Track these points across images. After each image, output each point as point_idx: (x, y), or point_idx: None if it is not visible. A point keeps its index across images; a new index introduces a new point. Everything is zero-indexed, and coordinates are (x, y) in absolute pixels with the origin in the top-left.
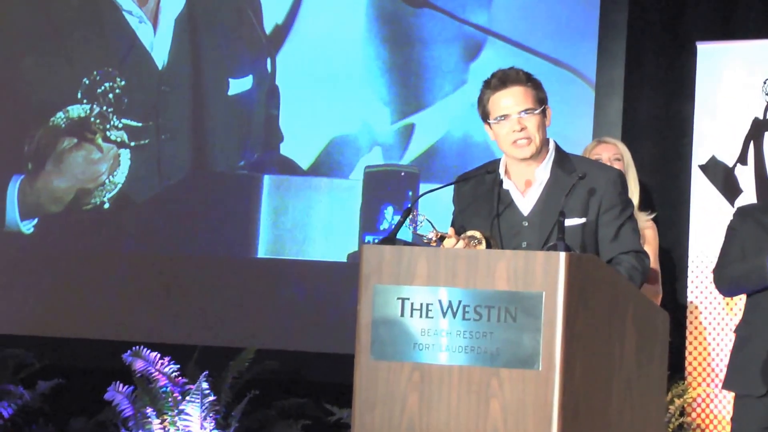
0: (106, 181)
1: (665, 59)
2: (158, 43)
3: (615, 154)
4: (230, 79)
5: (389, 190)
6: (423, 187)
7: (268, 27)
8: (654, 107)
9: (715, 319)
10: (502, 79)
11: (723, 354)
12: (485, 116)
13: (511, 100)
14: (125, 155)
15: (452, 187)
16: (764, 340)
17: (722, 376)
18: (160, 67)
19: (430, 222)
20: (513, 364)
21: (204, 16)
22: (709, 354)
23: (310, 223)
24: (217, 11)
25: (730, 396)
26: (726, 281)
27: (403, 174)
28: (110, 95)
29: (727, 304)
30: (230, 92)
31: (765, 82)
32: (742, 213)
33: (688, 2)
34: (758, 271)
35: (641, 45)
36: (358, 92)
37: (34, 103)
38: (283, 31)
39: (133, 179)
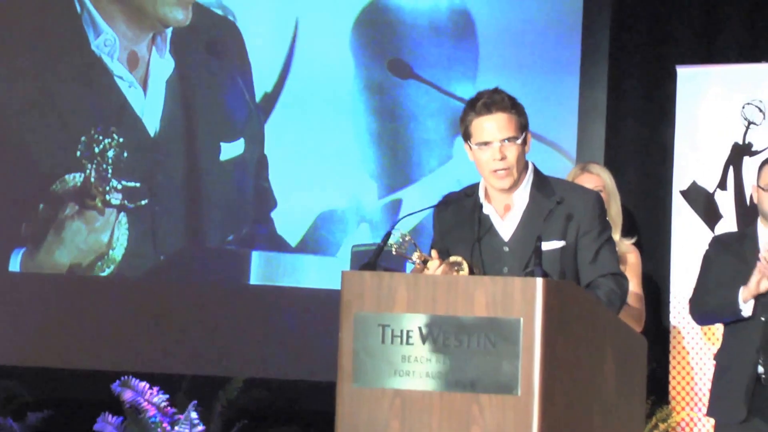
0: (108, 251)
1: (647, 84)
2: (149, 107)
3: (597, 185)
4: (222, 143)
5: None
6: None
7: (258, 94)
8: (636, 132)
9: (697, 343)
10: (487, 105)
11: (706, 378)
12: (466, 136)
13: (494, 126)
14: (123, 219)
15: (431, 211)
16: (742, 367)
17: (705, 400)
18: (152, 133)
19: (414, 244)
20: (493, 390)
21: (194, 79)
22: (692, 378)
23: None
24: (207, 74)
25: (714, 420)
26: (700, 313)
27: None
28: (109, 153)
29: (709, 329)
30: (222, 157)
31: (744, 107)
32: (717, 242)
33: (670, 27)
34: (729, 306)
35: (623, 70)
36: (346, 165)
37: (32, 172)
38: (272, 99)
39: (132, 246)
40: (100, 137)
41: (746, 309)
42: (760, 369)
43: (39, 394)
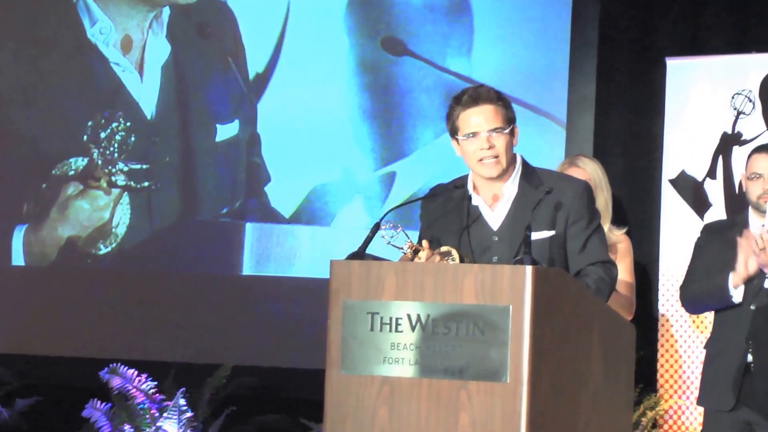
0: (111, 229)
1: (636, 75)
2: (145, 91)
3: (585, 178)
4: (218, 125)
5: None
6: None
7: (250, 75)
8: (625, 123)
9: (686, 331)
10: (473, 97)
11: (694, 366)
12: (453, 132)
13: (481, 118)
14: (126, 199)
15: (419, 202)
16: (731, 356)
17: (693, 388)
18: (148, 116)
19: (405, 233)
20: (481, 377)
21: (188, 63)
22: (680, 366)
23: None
24: (201, 58)
25: (701, 408)
26: (689, 300)
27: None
28: (117, 136)
29: (698, 317)
30: (218, 138)
31: (733, 97)
32: (708, 230)
33: (658, 19)
34: (719, 292)
35: (612, 62)
36: (340, 140)
37: (32, 154)
38: (264, 79)
39: (131, 222)
40: (103, 121)
41: (737, 295)
42: (749, 358)
43: (27, 381)
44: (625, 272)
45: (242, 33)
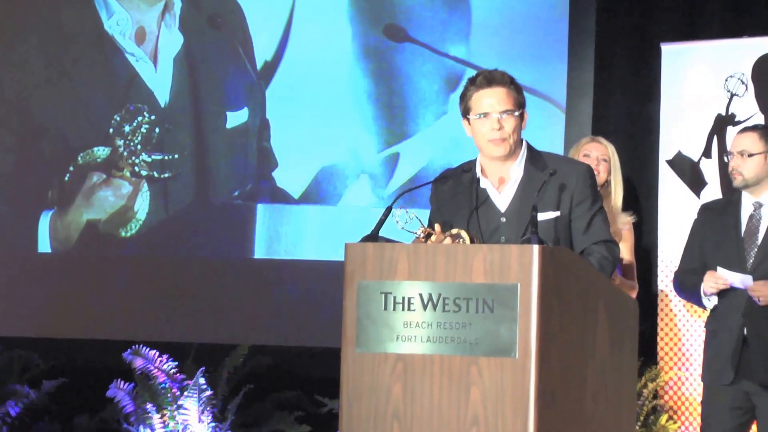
0: (133, 216)
1: (633, 60)
2: (159, 81)
3: (603, 154)
4: (228, 113)
5: None
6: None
7: (259, 63)
8: (622, 106)
9: (684, 306)
10: (488, 79)
11: (693, 339)
12: (466, 112)
13: (494, 100)
14: (145, 186)
15: (429, 186)
16: (729, 332)
17: (692, 360)
18: (162, 105)
19: (418, 219)
20: (491, 352)
21: (200, 54)
22: (679, 339)
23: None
24: (212, 48)
25: (700, 379)
26: (678, 289)
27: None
28: (143, 128)
29: None
30: (229, 125)
31: (727, 80)
32: (703, 211)
33: (654, 6)
34: (696, 298)
35: (610, 47)
36: (345, 124)
37: (57, 144)
38: (272, 67)
39: (150, 208)
40: (127, 115)
41: (709, 304)
42: (745, 331)
43: (53, 363)
44: (627, 253)
45: (250, 23)
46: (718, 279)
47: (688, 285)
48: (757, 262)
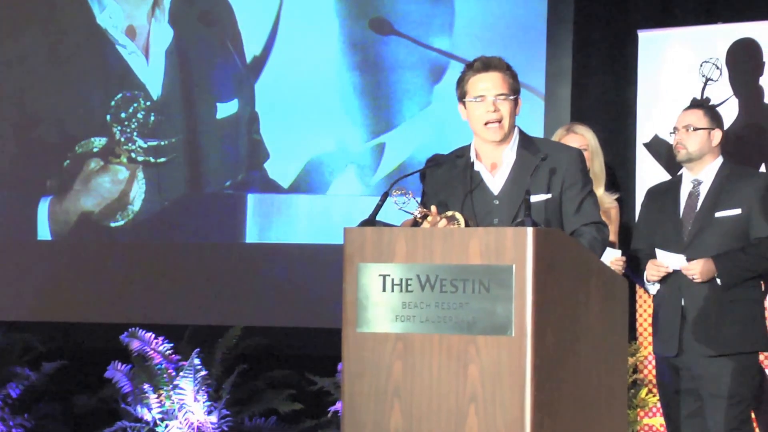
0: (128, 202)
1: (610, 47)
2: (151, 74)
3: (582, 145)
4: (218, 105)
5: None
6: None
7: (248, 57)
8: (600, 92)
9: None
10: (485, 63)
11: None
12: (462, 96)
13: (489, 84)
14: (140, 174)
15: (418, 174)
16: (670, 306)
17: None
18: (155, 97)
19: (416, 200)
20: (488, 331)
21: (190, 47)
22: None
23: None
24: (201, 42)
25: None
26: (629, 273)
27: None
28: (139, 114)
29: None
30: (218, 116)
31: (701, 65)
32: (648, 194)
33: None
34: (642, 283)
35: (588, 35)
36: (332, 116)
37: (54, 134)
38: (260, 61)
39: (145, 196)
40: (122, 101)
41: (653, 289)
42: (683, 302)
43: (53, 346)
44: (612, 235)
45: (239, 18)
46: (660, 267)
47: (634, 269)
48: (690, 238)
